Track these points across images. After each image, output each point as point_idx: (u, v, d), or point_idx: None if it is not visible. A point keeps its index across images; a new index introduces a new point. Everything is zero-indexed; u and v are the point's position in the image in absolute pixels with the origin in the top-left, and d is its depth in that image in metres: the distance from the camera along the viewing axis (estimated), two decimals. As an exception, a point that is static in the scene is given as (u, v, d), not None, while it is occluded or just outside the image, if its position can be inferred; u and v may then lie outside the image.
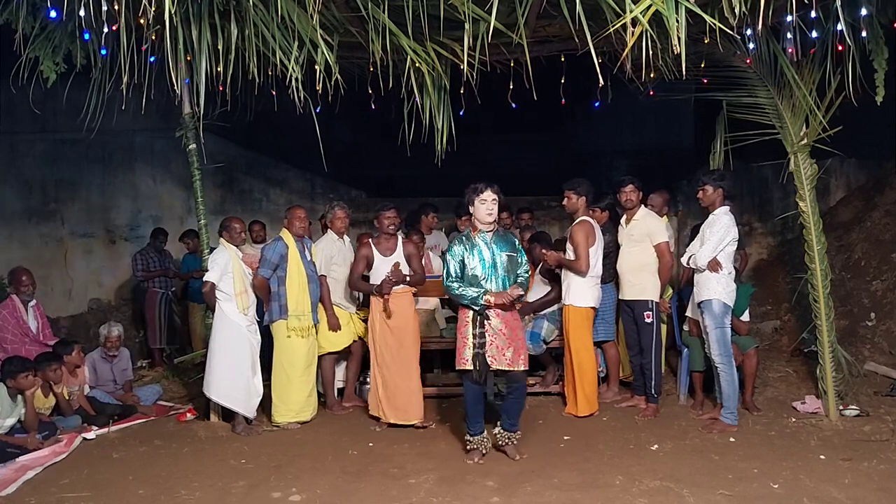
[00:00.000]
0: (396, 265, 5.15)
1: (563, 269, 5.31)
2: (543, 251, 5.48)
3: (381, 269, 5.19)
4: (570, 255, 5.26)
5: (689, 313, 5.44)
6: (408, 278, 5.20)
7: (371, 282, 5.22)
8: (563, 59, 5.31)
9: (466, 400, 4.39)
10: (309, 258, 5.38)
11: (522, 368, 4.32)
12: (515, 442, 4.44)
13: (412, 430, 5.08)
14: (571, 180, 5.31)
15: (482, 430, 4.41)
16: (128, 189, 8.65)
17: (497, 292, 4.25)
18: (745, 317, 5.37)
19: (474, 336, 4.28)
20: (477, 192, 4.30)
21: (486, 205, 4.29)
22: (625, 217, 5.49)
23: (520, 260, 4.44)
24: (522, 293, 4.33)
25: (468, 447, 4.43)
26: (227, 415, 5.22)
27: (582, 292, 5.21)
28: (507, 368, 4.28)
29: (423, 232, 6.54)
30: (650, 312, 5.25)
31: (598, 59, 3.54)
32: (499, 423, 4.45)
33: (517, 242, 4.51)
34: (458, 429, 5.03)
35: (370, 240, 5.37)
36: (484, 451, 4.41)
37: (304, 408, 5.27)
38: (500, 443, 4.44)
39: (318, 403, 5.50)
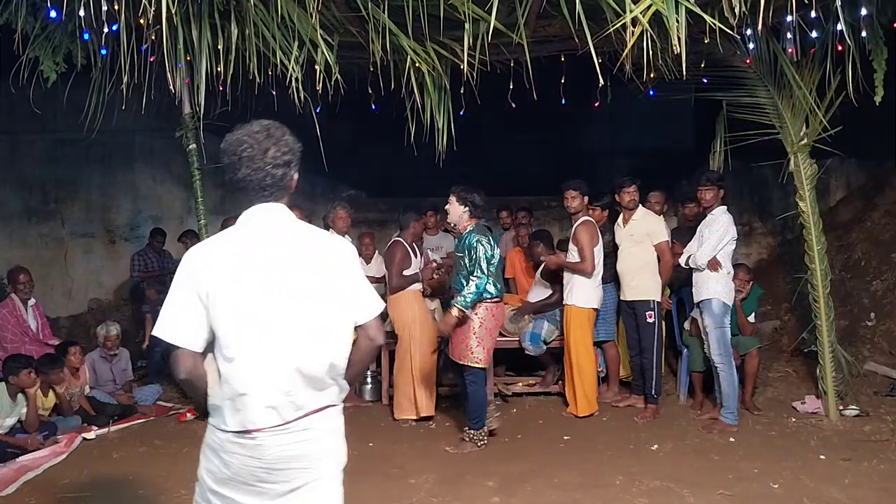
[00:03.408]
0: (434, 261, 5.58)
1: (566, 270, 5.32)
2: (543, 257, 5.49)
3: (415, 265, 5.39)
4: (572, 255, 5.25)
5: (693, 313, 5.43)
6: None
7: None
8: (563, 59, 5.31)
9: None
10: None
11: (460, 362, 4.58)
12: (466, 437, 4.67)
13: (412, 429, 5.10)
14: (572, 180, 5.31)
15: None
16: (128, 189, 8.63)
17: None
18: (751, 318, 5.38)
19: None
20: None
21: None
22: (622, 217, 5.47)
23: (465, 263, 4.51)
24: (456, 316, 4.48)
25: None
26: (228, 415, 5.21)
27: (585, 293, 5.20)
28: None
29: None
30: (652, 312, 5.24)
31: (598, 59, 3.55)
32: None
33: (472, 245, 4.49)
34: (458, 429, 5.02)
35: (401, 240, 5.38)
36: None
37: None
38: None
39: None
